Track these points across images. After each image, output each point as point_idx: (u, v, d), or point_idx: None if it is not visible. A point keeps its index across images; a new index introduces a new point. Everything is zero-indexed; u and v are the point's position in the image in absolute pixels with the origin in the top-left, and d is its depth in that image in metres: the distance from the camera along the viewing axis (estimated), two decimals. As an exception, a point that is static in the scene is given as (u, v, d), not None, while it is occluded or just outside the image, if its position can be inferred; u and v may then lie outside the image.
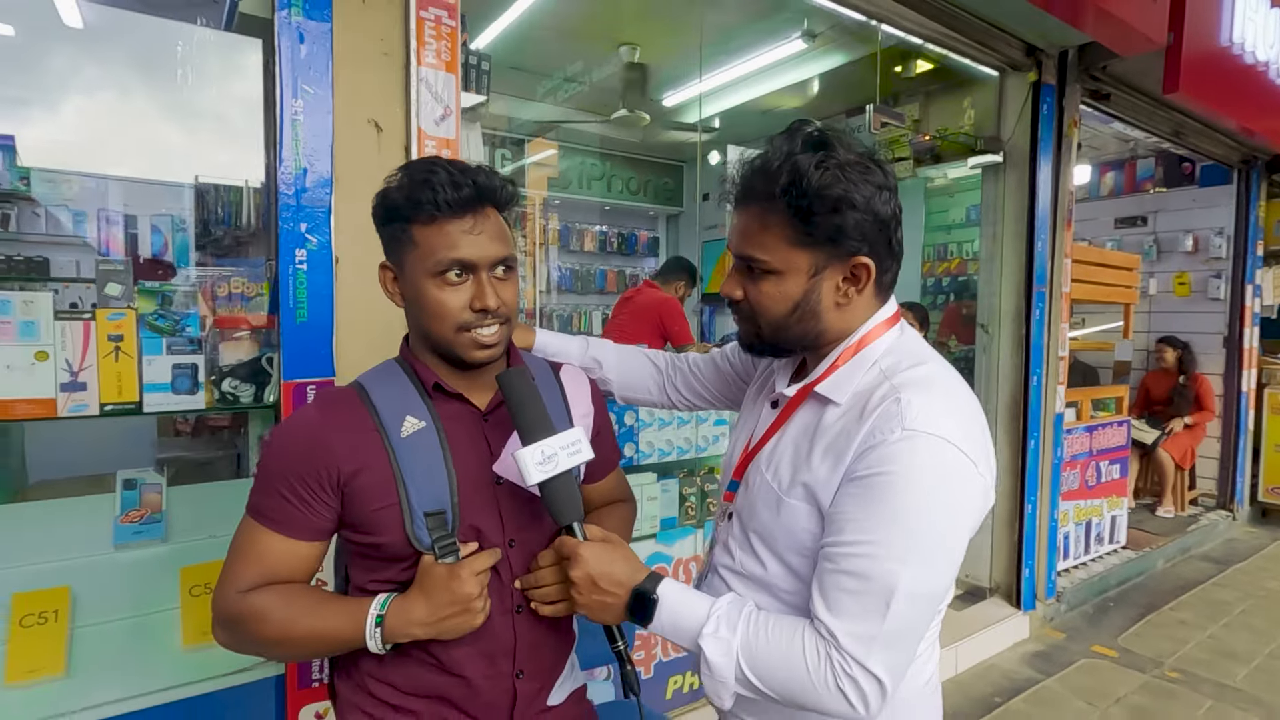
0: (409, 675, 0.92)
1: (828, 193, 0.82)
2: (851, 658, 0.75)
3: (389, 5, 1.55)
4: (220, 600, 0.88)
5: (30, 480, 2.13)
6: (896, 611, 0.74)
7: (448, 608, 0.84)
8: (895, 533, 0.75)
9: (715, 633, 0.80)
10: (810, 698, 0.77)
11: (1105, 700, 2.82)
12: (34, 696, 1.39)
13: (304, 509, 0.87)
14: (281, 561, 0.88)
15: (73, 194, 3.52)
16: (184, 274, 1.52)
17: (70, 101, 2.72)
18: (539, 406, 0.89)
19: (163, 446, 2.71)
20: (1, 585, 1.46)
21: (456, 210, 0.87)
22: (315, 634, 0.87)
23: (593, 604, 0.86)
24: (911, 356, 0.88)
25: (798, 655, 0.77)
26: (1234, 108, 3.78)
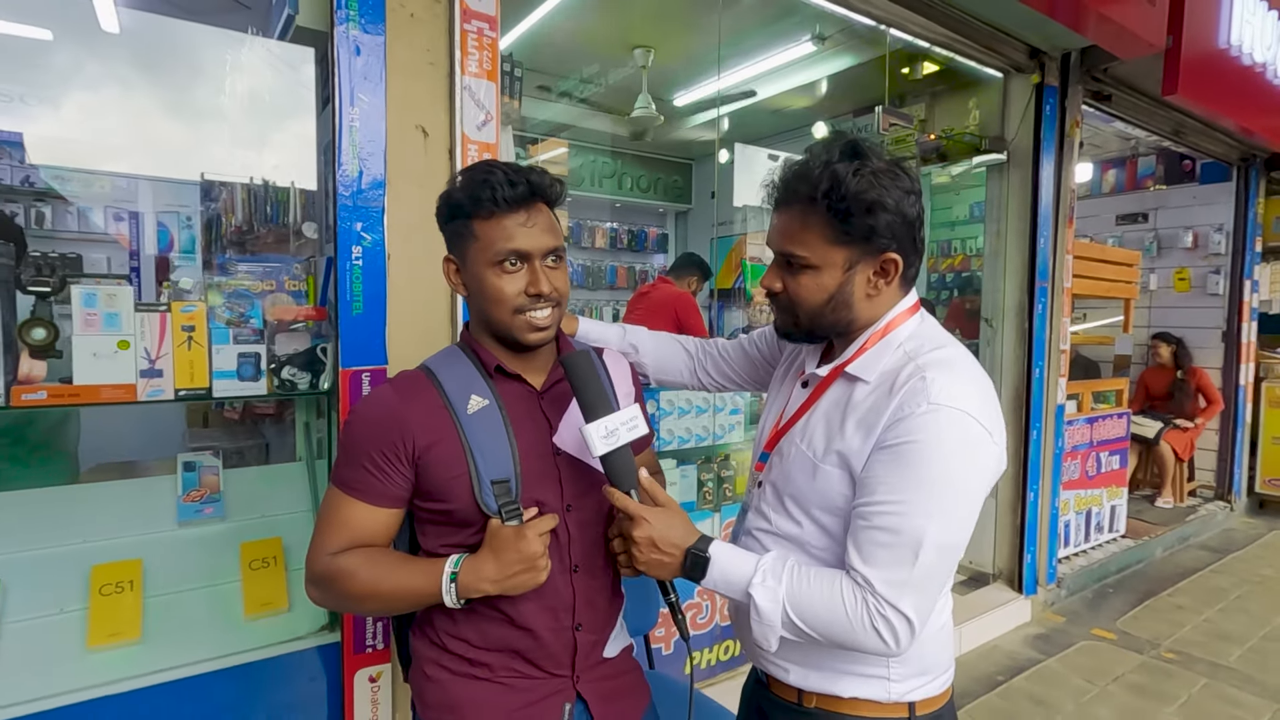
0: (481, 631, 1.02)
1: (864, 196, 0.93)
2: (885, 600, 0.86)
3: (435, 19, 1.66)
4: (313, 562, 0.99)
5: (83, 466, 2.25)
6: (924, 560, 0.86)
7: (515, 565, 0.94)
8: (922, 493, 0.87)
9: (763, 583, 0.92)
10: (849, 637, 0.89)
11: (1104, 679, 2.94)
12: (113, 659, 1.51)
13: (382, 479, 0.98)
14: (364, 526, 0.99)
15: (105, 193, 3.64)
16: (246, 269, 1.63)
17: (108, 104, 2.83)
18: (600, 387, 1.00)
19: (192, 437, 2.84)
20: (81, 557, 1.59)
21: (512, 206, 0.98)
22: (398, 590, 0.97)
23: (651, 562, 0.97)
24: (933, 341, 0.99)
25: (837, 600, 0.89)
26: (1232, 108, 3.88)
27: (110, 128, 3.15)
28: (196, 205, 2.31)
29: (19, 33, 2.65)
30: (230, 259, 2.14)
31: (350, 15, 1.53)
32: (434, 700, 1.05)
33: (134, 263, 4.11)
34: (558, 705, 1.04)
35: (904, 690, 0.99)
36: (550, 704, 1.04)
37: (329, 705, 1.66)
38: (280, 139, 1.97)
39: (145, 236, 3.53)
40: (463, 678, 1.03)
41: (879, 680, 0.99)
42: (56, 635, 1.51)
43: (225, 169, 2.18)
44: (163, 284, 1.94)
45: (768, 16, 3.31)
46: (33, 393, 1.38)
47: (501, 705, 1.02)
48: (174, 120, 2.59)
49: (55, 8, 2.62)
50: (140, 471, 2.25)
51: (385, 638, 1.67)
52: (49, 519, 1.63)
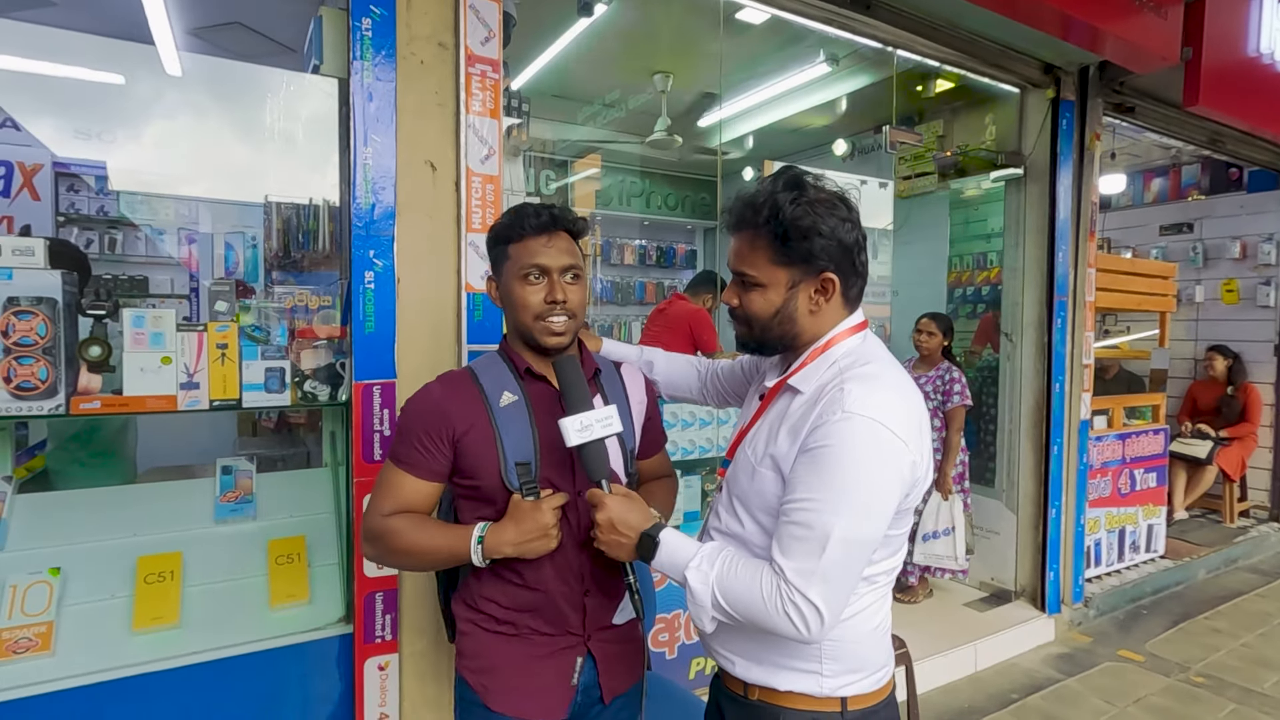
0: (508, 594, 1.20)
1: (800, 223, 1.05)
2: (795, 589, 0.95)
3: (443, 65, 1.82)
4: (368, 520, 1.19)
5: (140, 469, 2.49)
6: (830, 553, 0.94)
7: (531, 532, 1.11)
8: (833, 492, 0.96)
9: (698, 567, 1.02)
10: (765, 621, 0.98)
11: (1124, 700, 2.88)
12: (155, 641, 1.69)
13: (427, 456, 1.17)
14: (411, 495, 1.18)
15: (169, 219, 3.96)
16: (273, 291, 1.81)
17: (173, 136, 3.12)
18: (583, 387, 1.16)
19: (242, 445, 3.07)
20: (130, 550, 1.78)
21: (536, 231, 1.19)
22: (433, 547, 1.16)
23: (610, 542, 1.09)
24: (864, 358, 1.08)
25: (757, 587, 0.98)
26: (1268, 116, 3.77)
27: (176, 158, 3.46)
28: (260, 226, 2.54)
29: (95, 78, 2.97)
30: (274, 279, 2.35)
31: (364, 65, 1.71)
32: (469, 650, 1.24)
33: (194, 284, 4.46)
34: (571, 658, 1.22)
35: (836, 685, 1.07)
36: (565, 656, 1.22)
37: (342, 690, 1.81)
38: (316, 168, 2.16)
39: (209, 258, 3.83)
40: (491, 634, 1.22)
41: (813, 675, 1.07)
42: (108, 618, 1.70)
43: (279, 192, 2.39)
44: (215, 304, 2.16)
45: (778, 42, 3.41)
46: (89, 402, 1.58)
47: (523, 655, 1.21)
48: (233, 149, 2.84)
49: (125, 54, 2.92)
50: (191, 474, 2.47)
51: (394, 630, 1.82)
52: (105, 515, 1.83)
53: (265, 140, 2.61)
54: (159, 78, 2.87)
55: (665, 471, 1.46)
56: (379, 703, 1.81)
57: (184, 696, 1.65)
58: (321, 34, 1.81)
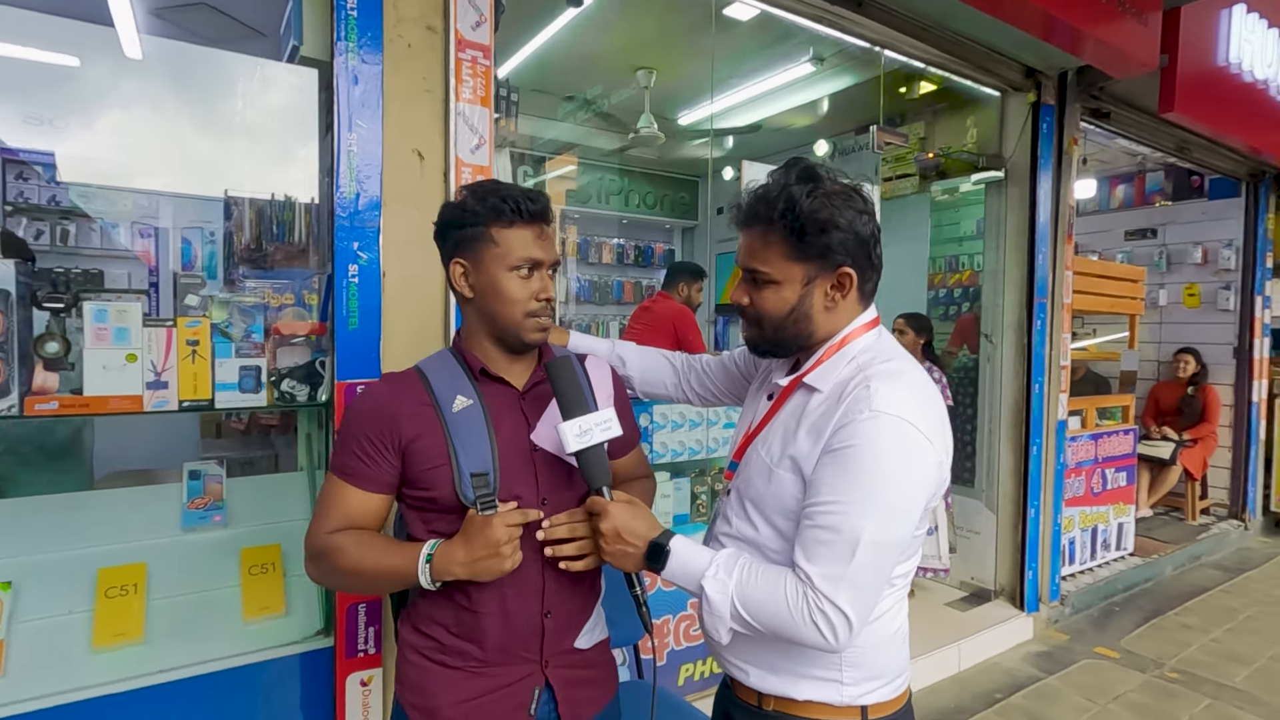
0: (457, 617, 1.09)
1: (817, 216, 1.00)
2: (824, 595, 0.90)
3: (431, 49, 1.74)
4: (310, 538, 1.08)
5: (97, 474, 2.34)
6: (860, 558, 0.90)
7: (481, 549, 0.99)
8: (860, 494, 0.91)
9: (715, 575, 0.97)
10: (790, 630, 0.93)
11: (1104, 697, 2.91)
12: (117, 659, 1.58)
13: (372, 466, 1.06)
14: (356, 510, 1.07)
15: (125, 212, 3.77)
16: (249, 286, 1.71)
17: (131, 124, 2.95)
18: (579, 389, 1.07)
19: (206, 447, 2.93)
20: (88, 561, 1.66)
21: (529, 219, 1.10)
22: (379, 568, 1.05)
23: (616, 553, 1.02)
24: (884, 354, 1.04)
25: (781, 595, 0.93)
26: (1236, 125, 3.89)
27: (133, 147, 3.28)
28: (220, 221, 2.42)
29: (48, 59, 2.79)
30: (244, 274, 2.23)
31: (349, 46, 1.61)
32: (411, 681, 1.13)
33: (153, 278, 4.25)
34: (527, 689, 1.11)
35: (856, 694, 1.02)
36: (519, 688, 1.10)
37: (322, 707, 1.71)
38: (291, 157, 2.05)
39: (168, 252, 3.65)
40: (436, 665, 1.11)
41: (833, 684, 1.02)
42: (65, 635, 1.58)
43: (241, 186, 2.27)
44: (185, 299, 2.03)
45: (766, 39, 3.38)
46: (45, 403, 1.46)
47: (469, 690, 1.09)
48: (193, 139, 2.70)
49: (81, 36, 2.75)
50: (152, 480, 2.34)
51: (377, 642, 1.72)
52: (60, 524, 1.70)
53: (230, 130, 2.48)
54: (117, 61, 2.71)
55: (642, 472, 1.35)
56: (361, 718, 1.71)
57: (149, 718, 1.54)
58: (301, 14, 1.72)
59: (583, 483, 1.14)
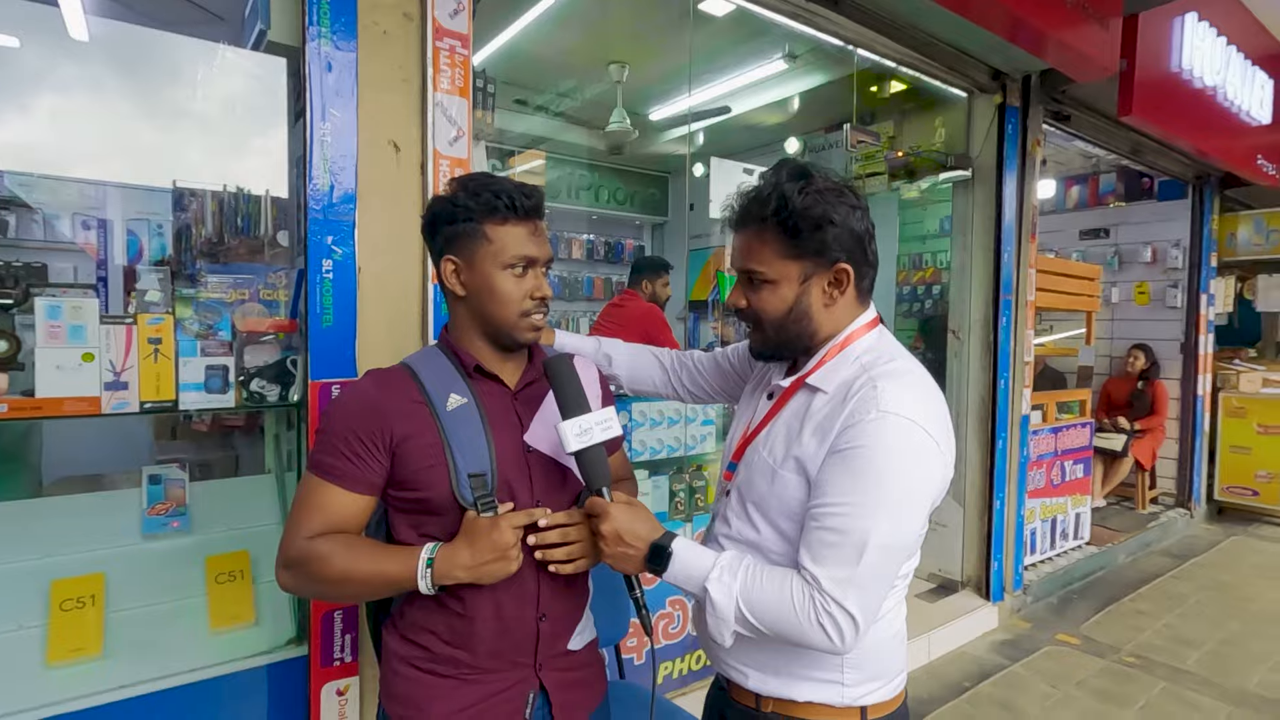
0: (449, 624, 1.05)
1: (810, 212, 0.99)
2: (831, 598, 0.89)
3: (408, 36, 1.68)
4: (287, 545, 1.01)
5: (45, 479, 2.21)
6: (868, 560, 0.90)
7: (488, 554, 0.97)
8: (868, 495, 0.91)
9: (719, 578, 0.95)
10: (796, 633, 0.92)
11: (1067, 683, 3.00)
12: (75, 675, 1.49)
13: (359, 465, 1.01)
14: (339, 512, 1.02)
15: (70, 202, 3.58)
16: (217, 279, 1.63)
17: (77, 110, 2.79)
18: (579, 388, 1.04)
19: (161, 450, 2.80)
20: (41, 572, 1.56)
21: (523, 216, 1.06)
22: (373, 574, 1.00)
23: (617, 555, 1.00)
24: (888, 354, 1.04)
25: (787, 598, 0.92)
26: (1186, 129, 4.03)
27: (79, 134, 3.11)
28: (168, 213, 2.31)
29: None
30: (201, 269, 2.13)
31: (322, 32, 1.55)
32: (399, 693, 1.08)
33: (101, 272, 4.05)
34: (521, 694, 1.08)
35: (858, 695, 1.02)
36: (513, 694, 1.08)
37: (298, 716, 1.65)
38: (254, 147, 1.97)
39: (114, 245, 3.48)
40: (429, 674, 1.07)
41: (834, 685, 1.02)
42: (15, 652, 1.48)
43: (198, 176, 2.17)
44: (130, 294, 1.93)
45: (740, 35, 3.38)
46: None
47: (463, 699, 1.05)
48: (145, 127, 2.56)
49: (22, 16, 2.59)
50: (105, 485, 2.21)
51: (354, 650, 1.67)
52: (7, 534, 1.60)
53: (184, 118, 2.36)
54: (61, 43, 2.56)
55: (625, 474, 1.33)
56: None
57: (111, 737, 1.46)
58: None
59: (575, 485, 1.12)
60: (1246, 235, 5.71)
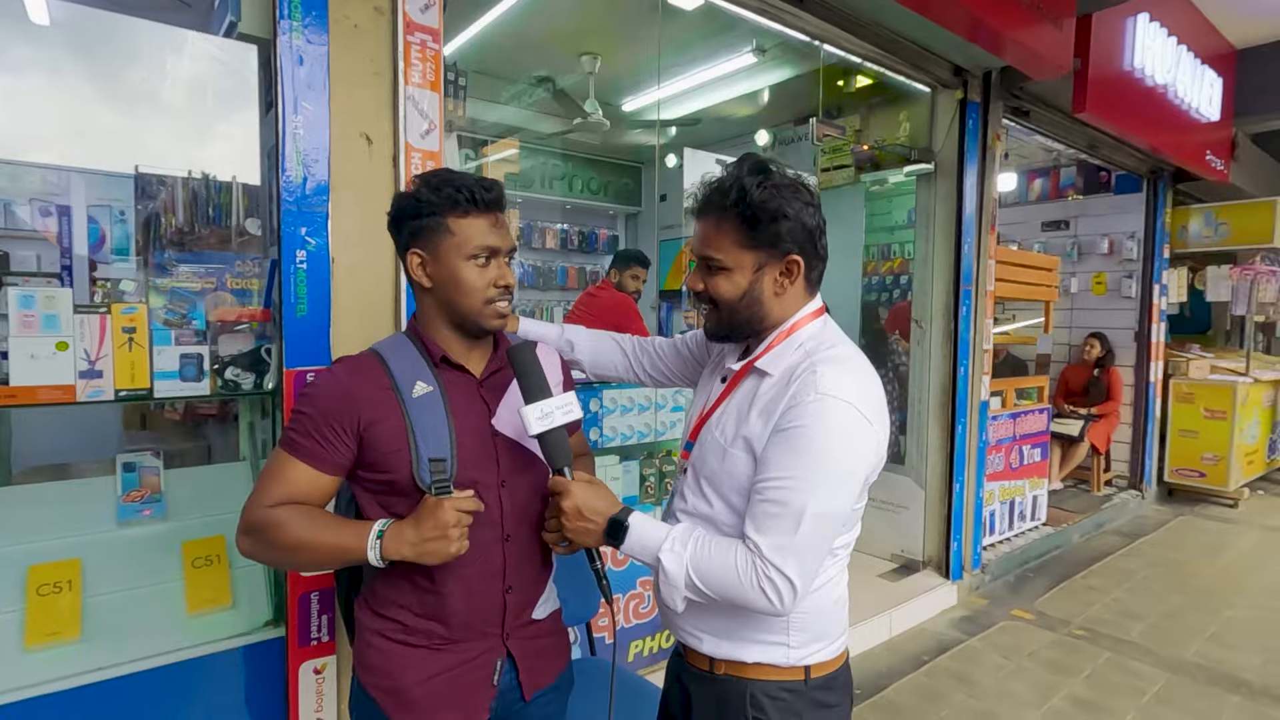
0: (421, 600, 1.12)
1: (767, 206, 1.06)
2: (771, 564, 0.97)
3: (379, 30, 1.71)
4: (249, 511, 1.06)
5: (14, 469, 2.21)
6: (805, 529, 0.97)
7: (430, 531, 1.02)
8: (806, 470, 0.98)
9: (671, 548, 1.03)
10: (740, 597, 0.99)
11: (1019, 655, 3.16)
12: (53, 659, 1.52)
13: (328, 447, 1.07)
14: (304, 488, 1.07)
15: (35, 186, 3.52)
16: (188, 268, 1.65)
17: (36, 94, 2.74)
18: (541, 375, 1.10)
19: (130, 439, 2.79)
20: (16, 558, 1.59)
21: (484, 208, 1.11)
22: (326, 544, 1.05)
23: (578, 529, 1.07)
24: (829, 341, 1.12)
25: (732, 564, 1.00)
26: (1139, 126, 4.19)
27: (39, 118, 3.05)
28: (131, 200, 2.29)
29: (-60, 23, 2.57)
30: (170, 257, 2.13)
31: (294, 25, 1.57)
32: (373, 664, 1.14)
33: (65, 260, 3.98)
34: (489, 662, 1.15)
35: (802, 655, 1.10)
36: (482, 661, 1.15)
37: (273, 698, 1.70)
38: (221, 134, 1.98)
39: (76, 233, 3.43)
40: (400, 644, 1.13)
41: (780, 647, 1.10)
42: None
43: (163, 162, 2.16)
44: (95, 283, 1.93)
45: (710, 29, 3.43)
46: (-33, 394, 1.38)
47: (434, 666, 1.12)
48: (107, 113, 2.53)
49: (-20, -1, 2.54)
50: (75, 474, 2.22)
51: (330, 630, 1.72)
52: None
53: (148, 105, 2.35)
54: (20, 26, 2.52)
55: (583, 450, 1.41)
56: (315, 708, 1.71)
57: (92, 718, 1.50)
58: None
59: (541, 467, 1.18)
60: (1197, 228, 5.94)
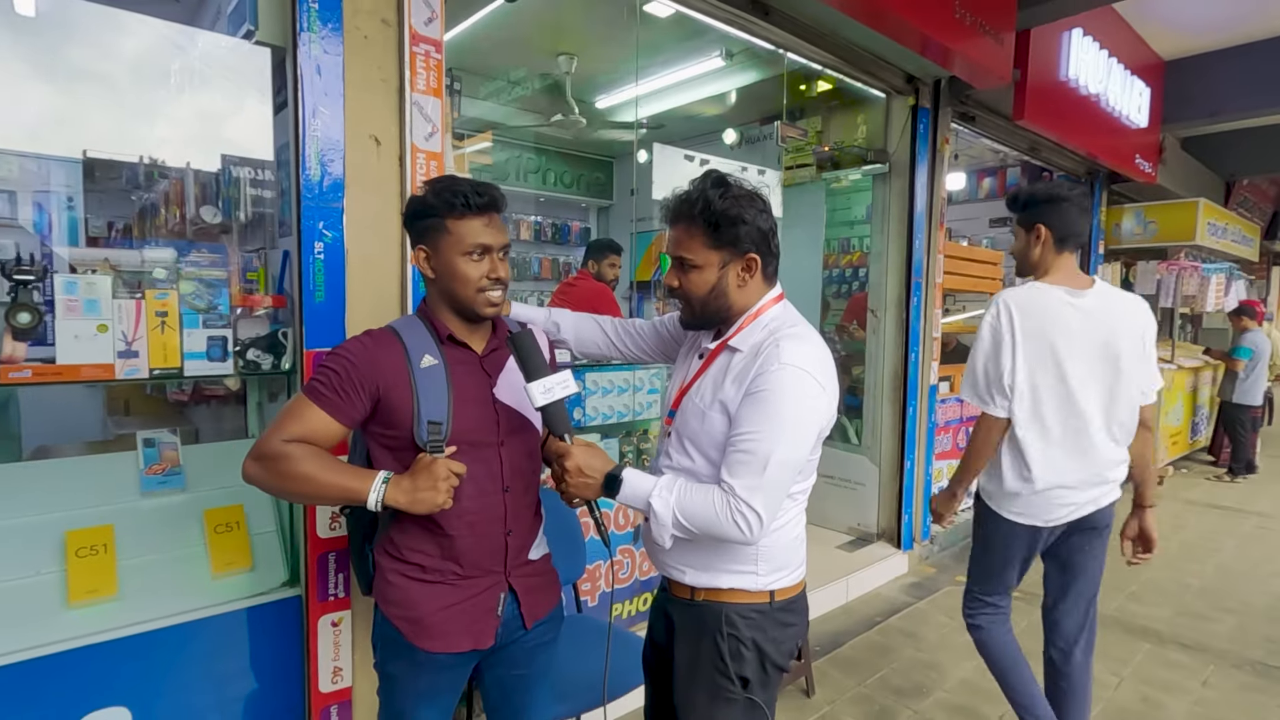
0: (438, 544, 1.32)
1: (728, 213, 1.28)
2: (742, 500, 1.19)
3: (386, 41, 1.87)
4: (265, 443, 1.22)
5: (25, 446, 2.32)
6: (770, 473, 1.20)
7: (424, 483, 1.21)
8: (771, 425, 1.21)
9: (659, 494, 1.24)
10: (718, 529, 1.22)
11: (960, 614, 3.47)
12: (94, 614, 1.67)
13: (347, 401, 1.25)
14: (319, 431, 1.24)
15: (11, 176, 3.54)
16: (219, 258, 1.79)
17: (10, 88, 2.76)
18: (541, 356, 1.30)
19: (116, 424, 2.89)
20: (53, 526, 1.72)
21: (478, 211, 1.30)
22: (333, 482, 1.21)
23: (579, 484, 1.27)
24: (789, 321, 1.35)
25: (710, 503, 1.22)
26: (1073, 131, 4.54)
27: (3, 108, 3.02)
28: (79, 185, 2.36)
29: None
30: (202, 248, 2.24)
31: (312, 37, 1.73)
32: (396, 599, 1.34)
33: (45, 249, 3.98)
34: (495, 595, 1.37)
35: (768, 582, 1.34)
36: (489, 594, 1.36)
37: (291, 649, 1.87)
38: (236, 131, 2.09)
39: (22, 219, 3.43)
40: (418, 581, 1.33)
41: (750, 574, 1.33)
42: (38, 595, 1.65)
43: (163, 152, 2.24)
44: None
45: (681, 35, 3.63)
46: (19, 371, 1.52)
47: (449, 599, 1.33)
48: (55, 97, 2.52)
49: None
50: (81, 452, 2.34)
51: (346, 588, 1.89)
52: (15, 492, 1.74)
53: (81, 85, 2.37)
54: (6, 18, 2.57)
55: None
56: (332, 657, 1.88)
57: (131, 665, 1.65)
58: (256, 0, 1.80)
59: (533, 431, 1.41)
60: (1129, 226, 6.39)
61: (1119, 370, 1.95)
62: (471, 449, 1.32)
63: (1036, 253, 2.03)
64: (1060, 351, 1.93)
